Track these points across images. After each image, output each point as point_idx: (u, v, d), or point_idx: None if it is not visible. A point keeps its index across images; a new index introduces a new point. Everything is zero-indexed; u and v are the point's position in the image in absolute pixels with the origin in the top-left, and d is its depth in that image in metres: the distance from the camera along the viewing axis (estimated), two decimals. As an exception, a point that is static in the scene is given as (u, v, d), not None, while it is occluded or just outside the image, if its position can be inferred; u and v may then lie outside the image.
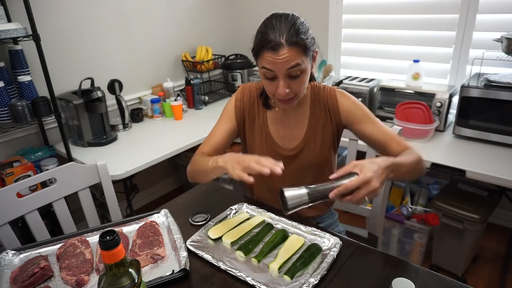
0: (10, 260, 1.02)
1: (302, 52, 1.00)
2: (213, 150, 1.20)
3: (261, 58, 1.02)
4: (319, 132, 1.19)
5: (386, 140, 1.13)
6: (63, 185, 1.28)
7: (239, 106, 1.24)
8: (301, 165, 1.22)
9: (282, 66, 0.99)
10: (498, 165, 1.64)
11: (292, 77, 1.02)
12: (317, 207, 1.27)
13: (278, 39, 0.97)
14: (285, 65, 0.99)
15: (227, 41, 3.12)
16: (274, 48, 0.97)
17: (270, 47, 0.98)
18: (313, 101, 1.19)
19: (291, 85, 1.04)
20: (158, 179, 2.93)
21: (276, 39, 0.97)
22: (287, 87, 1.03)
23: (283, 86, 1.02)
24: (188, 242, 1.04)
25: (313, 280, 0.88)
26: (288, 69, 1.00)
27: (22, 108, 1.76)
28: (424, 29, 2.23)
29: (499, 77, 1.80)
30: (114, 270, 0.67)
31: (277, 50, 0.97)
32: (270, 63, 1.00)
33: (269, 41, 0.98)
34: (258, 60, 1.04)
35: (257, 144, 1.24)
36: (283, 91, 1.02)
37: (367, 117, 1.16)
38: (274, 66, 1.00)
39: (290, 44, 0.97)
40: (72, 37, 2.16)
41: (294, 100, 1.09)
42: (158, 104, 2.47)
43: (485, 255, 2.14)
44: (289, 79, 1.03)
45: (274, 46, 0.97)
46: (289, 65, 0.99)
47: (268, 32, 0.99)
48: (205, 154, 1.19)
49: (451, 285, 0.88)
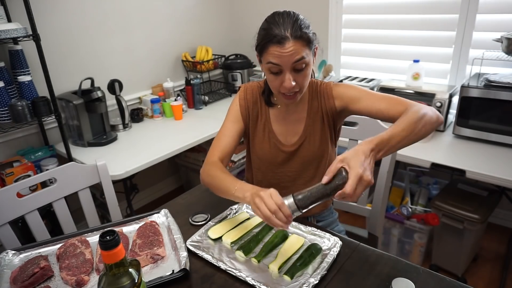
0: (10, 260, 1.02)
1: (306, 45, 1.03)
2: (224, 154, 1.20)
3: (266, 53, 1.04)
4: (317, 125, 1.21)
5: (387, 106, 1.10)
6: (63, 185, 1.28)
7: (244, 105, 1.25)
8: (302, 159, 1.23)
9: (288, 59, 1.01)
10: (498, 165, 1.64)
11: (297, 71, 1.05)
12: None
13: (283, 33, 1.00)
14: (291, 58, 1.01)
15: (227, 41, 3.12)
16: (280, 41, 1.00)
17: (276, 41, 1.00)
18: (311, 96, 1.22)
19: (296, 79, 1.06)
20: (158, 179, 2.93)
21: (281, 33, 1.00)
22: (293, 80, 1.04)
23: (289, 79, 1.04)
24: (188, 242, 1.04)
25: (313, 280, 0.88)
26: (294, 62, 1.02)
27: (22, 108, 1.76)
28: (424, 29, 2.23)
29: (499, 77, 1.80)
30: (114, 270, 0.67)
31: (283, 43, 1.00)
32: (276, 57, 1.02)
33: (275, 35, 1.00)
34: (263, 55, 1.06)
35: (260, 141, 1.26)
36: (290, 84, 1.04)
37: (361, 93, 1.15)
38: (280, 60, 1.02)
39: (295, 37, 1.00)
40: (72, 37, 2.16)
41: (298, 94, 1.10)
42: (158, 104, 2.47)
43: (485, 255, 2.14)
44: (294, 72, 1.05)
45: (280, 39, 1.00)
46: (295, 58, 1.01)
47: (272, 27, 1.01)
48: (218, 161, 1.17)
49: (451, 285, 0.88)
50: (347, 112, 1.20)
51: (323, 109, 1.20)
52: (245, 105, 1.25)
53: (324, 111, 1.20)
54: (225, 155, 1.20)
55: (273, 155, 1.24)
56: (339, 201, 0.91)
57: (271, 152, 1.24)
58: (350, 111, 1.18)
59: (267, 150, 1.24)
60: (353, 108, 1.16)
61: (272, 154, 1.24)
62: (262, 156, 1.26)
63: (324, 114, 1.20)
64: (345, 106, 1.18)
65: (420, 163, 1.78)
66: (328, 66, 2.54)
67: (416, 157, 1.78)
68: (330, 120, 1.21)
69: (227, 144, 1.21)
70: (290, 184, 1.26)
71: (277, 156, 1.24)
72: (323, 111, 1.20)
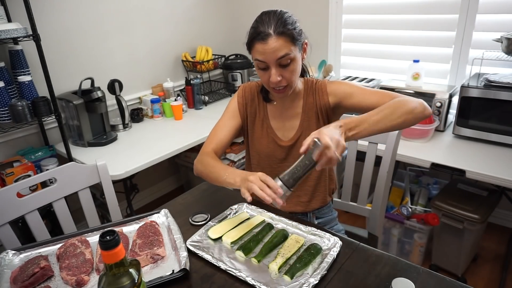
0: (10, 260, 1.02)
1: (290, 41, 1.07)
2: (219, 146, 1.27)
3: (253, 50, 1.10)
4: (312, 121, 1.24)
5: (377, 100, 1.13)
6: (63, 185, 1.28)
7: (242, 103, 1.31)
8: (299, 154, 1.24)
9: (272, 55, 1.06)
10: (498, 165, 1.64)
11: (283, 66, 1.09)
12: (320, 197, 1.31)
13: (267, 30, 1.05)
14: (275, 54, 1.06)
15: (227, 41, 3.12)
16: (263, 38, 1.05)
17: (260, 38, 1.06)
18: (307, 93, 1.25)
19: (283, 74, 1.10)
20: (158, 179, 2.93)
21: (265, 30, 1.05)
22: (278, 75, 1.09)
23: (275, 74, 1.09)
24: (188, 242, 1.04)
25: (313, 280, 0.88)
26: (278, 59, 1.06)
27: (22, 108, 1.76)
28: (424, 29, 2.23)
29: (499, 77, 1.80)
30: (114, 270, 0.67)
31: (266, 40, 1.05)
32: (260, 54, 1.07)
33: (259, 33, 1.06)
34: (252, 53, 1.12)
35: (259, 137, 1.30)
36: (275, 78, 1.09)
37: (353, 89, 1.18)
38: (264, 57, 1.07)
39: (278, 34, 1.05)
40: (72, 37, 2.16)
41: (287, 89, 1.15)
42: (158, 104, 2.47)
43: (485, 255, 2.14)
44: (281, 67, 1.09)
45: (264, 36, 1.05)
46: (278, 54, 1.06)
47: (259, 26, 1.07)
48: (212, 152, 1.24)
49: (451, 285, 0.88)
50: (341, 108, 1.23)
51: (317, 105, 1.23)
52: (243, 102, 1.31)
53: (318, 107, 1.23)
54: (219, 147, 1.26)
55: (271, 150, 1.28)
56: (322, 167, 0.95)
57: (269, 147, 1.29)
58: (344, 107, 1.21)
59: (265, 145, 1.29)
60: (347, 103, 1.19)
61: (270, 148, 1.28)
62: (261, 151, 1.30)
63: (318, 110, 1.23)
64: (338, 102, 1.21)
65: (420, 163, 1.78)
66: (328, 66, 2.54)
67: (416, 157, 1.78)
68: (325, 116, 1.24)
69: (221, 137, 1.28)
70: None
71: (275, 151, 1.28)
72: (318, 107, 1.23)
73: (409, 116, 1.04)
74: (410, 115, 1.04)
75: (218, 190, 1.37)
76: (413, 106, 1.05)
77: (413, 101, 1.06)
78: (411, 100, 1.07)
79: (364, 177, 1.52)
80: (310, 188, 1.30)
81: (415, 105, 1.06)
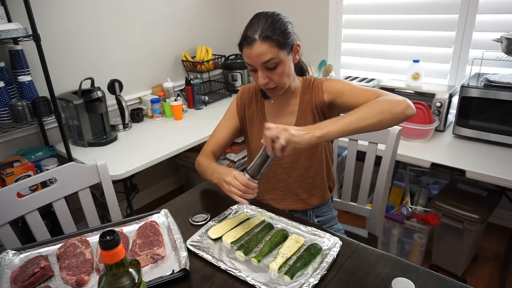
0: (11, 260, 1.03)
1: (276, 46, 1.08)
2: (217, 147, 1.34)
3: (242, 53, 1.14)
4: (308, 118, 1.25)
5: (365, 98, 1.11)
6: (63, 185, 1.28)
7: (240, 104, 1.36)
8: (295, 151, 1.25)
9: (256, 59, 1.09)
10: (498, 165, 1.64)
11: (269, 69, 1.12)
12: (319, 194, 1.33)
13: (253, 35, 1.08)
14: (259, 59, 1.09)
15: (227, 41, 3.12)
16: (249, 43, 1.08)
17: (246, 43, 1.09)
18: (303, 91, 1.27)
19: (270, 76, 1.13)
20: (158, 179, 2.93)
21: (251, 35, 1.08)
22: (265, 77, 1.13)
23: (262, 77, 1.13)
24: (188, 242, 1.04)
25: (313, 280, 0.88)
26: (263, 63, 1.09)
27: (22, 108, 1.76)
28: (424, 29, 2.23)
29: (499, 77, 1.80)
30: (114, 270, 0.67)
31: (251, 45, 1.08)
32: (247, 58, 1.12)
33: (245, 37, 1.10)
34: (242, 55, 1.15)
35: (257, 135, 1.32)
36: (262, 81, 1.13)
37: (346, 87, 1.18)
38: (250, 60, 1.11)
39: (263, 39, 1.07)
40: (72, 37, 2.16)
41: (277, 90, 1.18)
42: (158, 104, 2.47)
43: (485, 255, 2.14)
44: (267, 70, 1.12)
45: (249, 42, 1.08)
46: (263, 59, 1.09)
47: (247, 30, 1.10)
48: (209, 152, 1.33)
49: (451, 285, 0.88)
50: (336, 106, 1.23)
51: (313, 102, 1.24)
52: (241, 104, 1.35)
53: (314, 105, 1.24)
54: (218, 147, 1.34)
55: None
56: (278, 156, 1.01)
57: None
58: (338, 105, 1.21)
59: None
60: (340, 101, 1.20)
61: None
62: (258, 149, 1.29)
63: (314, 107, 1.24)
64: (332, 100, 1.21)
65: (420, 163, 1.78)
66: (328, 66, 2.54)
67: (416, 157, 1.78)
68: (320, 113, 1.25)
69: (220, 137, 1.35)
70: (286, 176, 1.30)
71: None
72: (313, 105, 1.24)
73: (385, 115, 1.01)
74: (387, 115, 1.02)
75: (218, 190, 1.36)
76: (391, 106, 1.02)
77: (393, 101, 1.04)
78: (392, 99, 1.04)
79: (364, 177, 1.52)
80: (308, 185, 1.31)
81: (394, 105, 1.03)
